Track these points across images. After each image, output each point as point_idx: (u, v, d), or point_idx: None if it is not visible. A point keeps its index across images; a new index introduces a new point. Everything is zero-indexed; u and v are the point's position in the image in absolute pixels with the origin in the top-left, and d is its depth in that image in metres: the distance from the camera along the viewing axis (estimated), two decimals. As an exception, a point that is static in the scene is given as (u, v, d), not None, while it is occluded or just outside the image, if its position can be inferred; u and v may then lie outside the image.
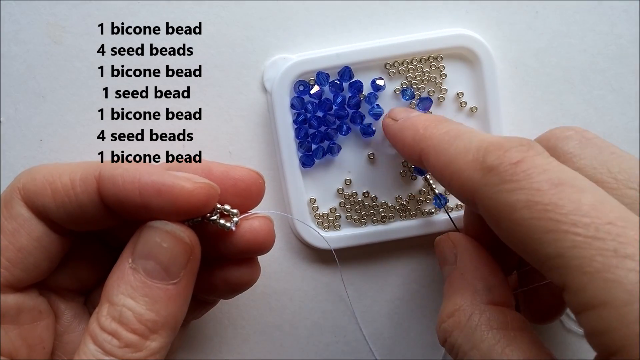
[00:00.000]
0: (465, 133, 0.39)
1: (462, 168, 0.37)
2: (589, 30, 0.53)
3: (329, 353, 0.54)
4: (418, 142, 0.42)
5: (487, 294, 0.40)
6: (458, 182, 0.37)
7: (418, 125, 0.43)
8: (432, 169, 0.41)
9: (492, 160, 0.35)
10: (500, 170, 0.34)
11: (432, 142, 0.41)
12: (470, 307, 0.39)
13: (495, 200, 0.34)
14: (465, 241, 0.44)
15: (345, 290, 0.53)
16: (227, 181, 0.41)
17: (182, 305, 0.38)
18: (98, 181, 0.37)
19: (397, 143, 0.46)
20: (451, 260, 0.44)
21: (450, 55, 0.52)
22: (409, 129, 0.44)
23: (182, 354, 0.53)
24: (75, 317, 0.43)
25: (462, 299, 0.40)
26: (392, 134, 0.47)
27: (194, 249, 0.38)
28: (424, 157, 0.41)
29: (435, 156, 0.40)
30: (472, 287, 0.40)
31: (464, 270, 0.42)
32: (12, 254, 0.38)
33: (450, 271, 0.43)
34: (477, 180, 0.35)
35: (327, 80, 0.51)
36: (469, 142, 0.38)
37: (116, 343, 0.35)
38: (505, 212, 0.33)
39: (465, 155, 0.37)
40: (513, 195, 0.33)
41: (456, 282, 0.42)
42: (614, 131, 0.53)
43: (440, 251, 0.46)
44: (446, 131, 0.41)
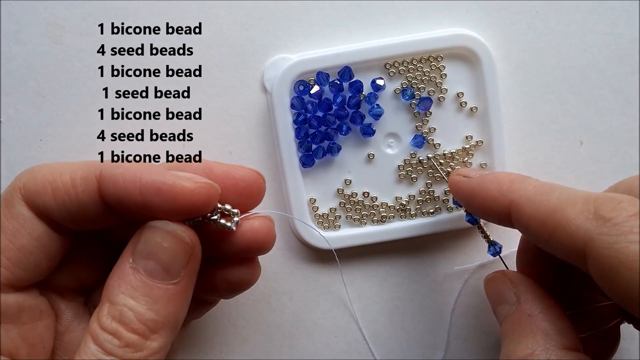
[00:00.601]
0: (561, 187, 0.38)
1: (571, 217, 0.35)
2: (589, 30, 0.53)
3: (329, 353, 0.54)
4: (506, 194, 0.41)
5: (560, 338, 0.39)
6: (565, 232, 0.35)
7: (502, 179, 0.42)
8: (526, 220, 0.39)
9: (608, 210, 0.34)
10: (619, 221, 0.33)
11: (525, 194, 0.39)
12: (545, 352, 0.38)
13: (616, 251, 0.32)
14: (528, 281, 0.43)
15: (345, 290, 0.53)
16: (228, 181, 0.41)
17: (182, 305, 0.38)
18: (99, 180, 0.37)
19: (477, 197, 0.44)
20: (512, 300, 0.43)
21: (450, 55, 0.52)
22: (492, 183, 0.42)
23: (182, 354, 0.53)
24: (76, 316, 0.43)
25: (533, 343, 0.39)
26: (468, 189, 0.45)
27: (194, 248, 0.38)
28: (514, 208, 0.40)
29: (532, 207, 0.38)
30: (543, 331, 0.39)
31: (531, 313, 0.41)
32: (13, 253, 0.38)
33: (512, 312, 0.42)
34: (592, 229, 0.34)
35: (327, 80, 0.51)
36: (572, 193, 0.37)
37: (117, 343, 0.35)
38: (627, 262, 0.32)
39: (574, 205, 0.36)
40: (637, 246, 0.32)
41: (523, 325, 0.40)
42: (614, 131, 0.53)
43: (494, 289, 0.45)
44: (539, 184, 0.40)
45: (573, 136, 0.53)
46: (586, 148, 0.53)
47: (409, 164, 0.52)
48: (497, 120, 0.51)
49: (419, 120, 0.52)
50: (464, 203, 0.47)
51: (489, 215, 0.43)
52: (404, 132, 0.52)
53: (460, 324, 0.54)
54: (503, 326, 0.43)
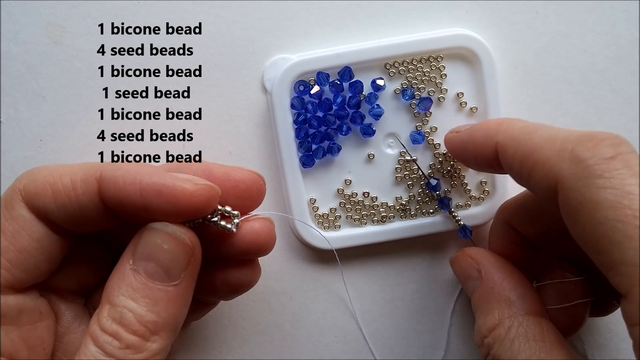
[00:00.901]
0: (546, 126, 0.38)
1: (548, 156, 0.35)
2: (589, 30, 0.53)
3: (329, 353, 0.54)
4: (493, 137, 0.41)
5: (523, 304, 0.40)
6: (541, 170, 0.35)
7: (490, 124, 0.42)
8: (510, 159, 0.39)
9: (583, 151, 0.33)
10: (591, 163, 0.33)
11: (511, 134, 0.39)
12: (510, 319, 0.39)
13: (581, 194, 0.32)
14: (487, 255, 0.44)
15: (346, 290, 0.53)
16: (228, 183, 0.41)
17: (182, 307, 0.38)
18: (99, 182, 0.37)
19: (467, 147, 0.44)
20: (475, 276, 0.44)
21: (450, 55, 0.52)
22: (480, 130, 0.43)
23: (182, 354, 0.53)
24: (76, 318, 0.43)
25: (500, 312, 0.40)
26: (459, 142, 0.46)
27: (194, 250, 0.38)
28: (500, 149, 0.40)
29: (515, 146, 0.38)
30: (505, 299, 0.41)
31: (492, 284, 0.42)
32: (13, 255, 0.38)
33: (477, 286, 0.43)
34: (564, 169, 0.34)
35: (327, 80, 0.51)
36: (554, 132, 0.36)
37: (117, 344, 0.35)
38: (589, 208, 0.32)
39: (553, 144, 0.35)
40: (601, 192, 0.32)
41: (488, 296, 0.42)
42: (614, 131, 0.52)
43: (459, 268, 0.46)
44: (524, 125, 0.40)
45: (573, 136, 0.53)
46: (586, 148, 0.53)
47: (403, 165, 0.52)
48: (497, 120, 0.51)
49: (419, 120, 0.52)
50: (458, 158, 0.48)
51: (481, 164, 0.44)
52: (404, 132, 0.52)
53: (460, 324, 0.54)
54: (472, 301, 0.44)
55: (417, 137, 0.52)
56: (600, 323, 0.53)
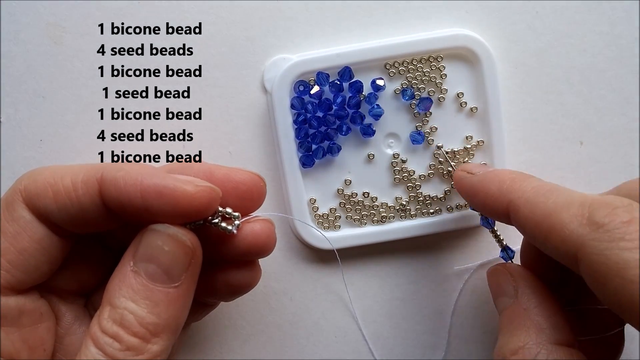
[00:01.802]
0: (560, 188, 0.39)
1: (566, 221, 0.35)
2: (589, 30, 0.53)
3: (329, 353, 0.54)
4: (506, 194, 0.41)
5: (553, 333, 0.39)
6: (559, 235, 0.36)
7: (503, 178, 0.42)
8: (523, 221, 0.39)
9: (602, 216, 0.34)
10: (612, 227, 0.33)
11: (524, 194, 0.40)
12: (536, 346, 0.39)
13: (607, 257, 0.33)
14: (528, 275, 0.44)
15: (346, 290, 0.53)
16: (229, 184, 0.41)
17: (183, 308, 0.38)
18: (100, 183, 0.37)
19: (478, 194, 0.44)
20: (510, 293, 0.43)
21: (450, 55, 0.52)
22: (493, 181, 0.43)
23: (183, 354, 0.53)
24: (76, 319, 0.43)
25: (527, 336, 0.39)
26: (470, 186, 0.46)
27: (195, 252, 0.38)
28: (512, 208, 0.40)
29: (530, 208, 0.38)
30: (536, 325, 0.40)
31: (527, 306, 0.41)
32: (13, 256, 0.38)
33: (509, 305, 0.43)
34: (584, 235, 0.34)
35: (327, 80, 0.51)
36: (569, 196, 0.37)
37: (117, 346, 0.35)
38: (617, 270, 0.32)
39: (568, 209, 0.36)
40: (627, 253, 0.32)
41: (518, 318, 0.41)
42: (614, 131, 0.53)
43: (496, 282, 0.45)
44: (538, 185, 0.40)
45: (573, 136, 0.53)
46: (586, 148, 0.53)
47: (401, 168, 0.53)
48: (497, 120, 0.51)
49: (419, 120, 0.52)
50: (466, 199, 0.47)
51: (489, 213, 0.44)
52: (404, 132, 0.52)
53: (460, 324, 0.54)
54: (501, 318, 0.43)
55: (417, 137, 0.52)
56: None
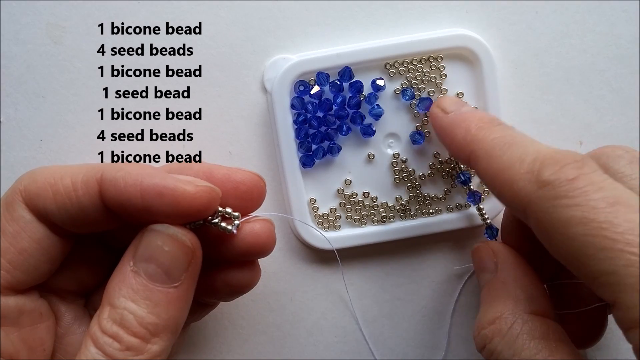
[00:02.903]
0: (519, 141, 0.39)
1: (516, 178, 0.37)
2: (589, 30, 0.53)
3: (329, 353, 0.54)
4: (469, 143, 0.42)
5: (529, 304, 0.40)
6: (510, 192, 0.37)
7: (470, 124, 0.43)
8: (481, 173, 0.41)
9: (549, 174, 0.35)
10: (556, 185, 0.34)
11: (484, 146, 0.41)
12: (512, 315, 0.40)
13: (550, 215, 0.34)
14: (507, 251, 0.45)
15: (346, 290, 0.53)
16: (229, 184, 0.41)
17: (183, 309, 0.38)
18: (100, 183, 0.37)
19: (446, 138, 0.46)
20: (491, 269, 0.45)
21: (450, 55, 0.52)
22: (460, 127, 0.44)
23: (182, 354, 0.53)
24: (76, 319, 0.43)
25: (504, 307, 0.40)
26: (440, 127, 0.47)
27: (195, 252, 0.38)
28: (473, 159, 0.42)
29: (487, 161, 0.40)
30: (514, 296, 0.41)
31: (505, 279, 0.43)
32: (13, 256, 0.38)
33: (490, 279, 0.44)
34: (531, 192, 0.35)
35: (327, 80, 0.51)
36: (524, 152, 0.38)
37: (117, 346, 0.35)
38: (559, 227, 0.33)
39: (520, 166, 0.37)
40: (568, 211, 0.33)
41: (497, 290, 0.42)
42: (614, 131, 0.53)
43: (478, 258, 0.47)
44: (500, 136, 0.41)
45: (573, 136, 0.53)
46: (586, 148, 0.53)
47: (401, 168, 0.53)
48: (497, 121, 0.51)
49: (419, 120, 0.52)
50: (440, 140, 0.49)
51: (457, 159, 0.47)
52: (404, 132, 0.52)
53: (460, 324, 0.54)
54: (481, 293, 0.44)
55: (417, 137, 0.52)
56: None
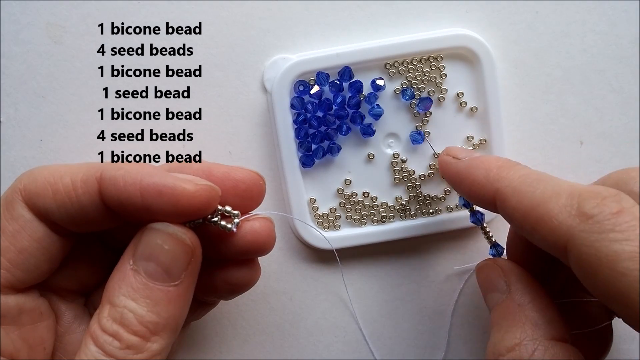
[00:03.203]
0: (548, 177, 0.38)
1: (554, 212, 0.35)
2: (589, 30, 0.53)
3: (329, 353, 0.54)
4: (492, 182, 0.40)
5: (549, 329, 0.39)
6: (547, 227, 0.35)
7: (490, 165, 0.42)
8: (510, 210, 0.39)
9: (591, 207, 0.34)
10: (601, 218, 0.33)
11: (512, 183, 0.39)
12: (533, 342, 0.38)
13: (596, 249, 0.33)
14: (519, 270, 0.43)
15: (346, 290, 0.53)
16: (228, 183, 0.41)
17: (183, 307, 0.38)
18: (99, 182, 0.37)
19: (464, 181, 0.43)
20: (502, 289, 0.43)
21: (450, 55, 0.52)
22: (479, 168, 0.42)
23: (182, 354, 0.53)
24: (76, 318, 0.43)
25: (522, 332, 0.39)
26: (455, 172, 0.45)
27: (195, 250, 0.38)
28: (499, 197, 0.39)
29: (517, 198, 0.38)
30: (532, 321, 0.39)
31: (521, 302, 0.41)
32: (13, 255, 0.38)
33: (502, 300, 0.42)
34: (573, 226, 0.34)
35: (327, 80, 0.51)
36: (557, 186, 0.36)
37: (117, 344, 0.35)
38: (607, 262, 0.32)
39: (557, 200, 0.35)
40: (618, 245, 0.32)
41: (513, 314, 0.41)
42: (614, 131, 0.53)
43: (485, 277, 0.45)
44: (525, 174, 0.39)
45: (573, 136, 0.53)
46: (586, 148, 0.53)
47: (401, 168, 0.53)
48: (497, 120, 0.51)
49: (419, 120, 0.52)
50: (451, 185, 0.47)
51: (476, 201, 0.44)
52: (404, 132, 0.52)
53: (460, 324, 0.54)
54: (493, 314, 0.43)
55: (417, 137, 0.52)
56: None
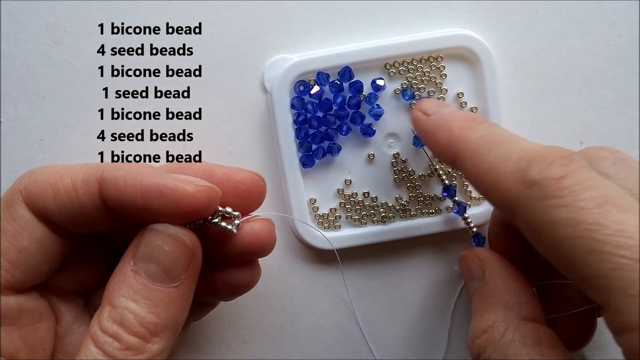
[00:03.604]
0: (505, 139, 0.38)
1: (502, 178, 0.36)
2: (589, 30, 0.53)
3: (329, 353, 0.54)
4: (453, 144, 0.41)
5: (520, 310, 0.40)
6: (497, 192, 0.36)
7: (453, 124, 0.42)
8: (467, 173, 0.40)
9: (535, 173, 0.34)
10: (544, 185, 0.33)
11: (469, 146, 0.40)
12: (504, 323, 0.39)
13: (538, 216, 0.33)
14: (494, 257, 0.44)
15: (346, 290, 0.53)
16: (229, 184, 0.41)
17: (183, 308, 0.38)
18: (100, 183, 0.37)
19: (429, 141, 0.45)
20: (478, 276, 0.44)
21: (450, 55, 0.52)
22: (442, 128, 0.43)
23: (182, 354, 0.53)
24: (76, 319, 0.43)
25: (495, 315, 0.40)
26: (423, 130, 0.45)
27: (195, 251, 0.38)
28: (458, 160, 0.40)
29: (472, 161, 0.39)
30: (503, 303, 0.40)
31: (494, 287, 0.42)
32: (13, 255, 0.38)
33: (478, 287, 0.44)
34: (519, 192, 0.34)
35: (327, 80, 0.51)
36: (509, 150, 0.37)
37: (117, 345, 0.35)
38: (547, 228, 0.33)
39: (506, 165, 0.36)
40: (557, 212, 0.32)
41: (486, 298, 0.42)
42: (614, 131, 0.53)
43: (465, 266, 0.46)
44: (484, 134, 0.40)
45: (573, 136, 0.53)
46: (586, 148, 0.53)
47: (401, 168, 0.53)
48: (497, 120, 0.51)
49: (419, 120, 0.52)
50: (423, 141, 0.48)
51: (442, 160, 0.45)
52: (404, 133, 0.52)
53: (460, 324, 0.54)
54: (472, 302, 0.44)
55: (417, 141, 0.52)
56: (600, 323, 0.53)
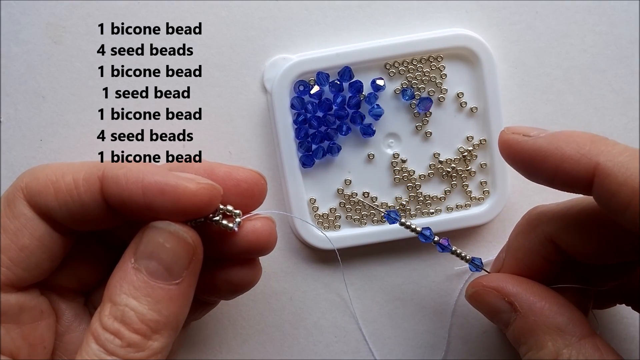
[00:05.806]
0: None
1: None
2: (589, 30, 0.53)
3: (329, 353, 0.54)
4: (590, 157, 0.36)
5: (574, 330, 0.39)
6: None
7: (581, 139, 0.37)
8: (615, 187, 0.34)
9: None
10: None
11: (615, 158, 0.35)
12: (567, 349, 0.38)
13: None
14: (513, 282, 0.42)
15: (346, 290, 0.53)
16: (230, 182, 0.41)
17: (184, 306, 0.38)
18: (101, 181, 0.37)
19: (549, 158, 0.38)
20: (505, 309, 0.42)
21: (450, 55, 0.52)
22: (567, 142, 0.37)
23: (182, 354, 0.53)
24: (76, 317, 0.43)
25: (553, 343, 0.39)
26: (534, 149, 0.39)
27: (196, 249, 0.38)
28: (601, 173, 0.35)
29: (625, 174, 0.34)
30: (555, 328, 0.39)
31: (534, 315, 0.40)
32: (14, 253, 0.38)
33: (513, 319, 0.41)
34: None
35: (327, 80, 0.51)
36: None
37: (118, 343, 0.35)
38: None
39: None
40: None
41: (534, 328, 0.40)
42: (614, 131, 0.53)
43: (484, 304, 0.44)
44: (625, 148, 0.36)
45: (573, 136, 0.53)
46: (586, 148, 0.53)
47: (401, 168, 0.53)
48: (497, 120, 0.51)
49: (419, 120, 0.52)
50: (525, 167, 0.40)
51: (562, 181, 0.38)
52: (404, 132, 0.52)
53: (460, 324, 0.54)
54: (510, 335, 0.42)
55: (390, 218, 0.50)
56: (600, 323, 0.53)
